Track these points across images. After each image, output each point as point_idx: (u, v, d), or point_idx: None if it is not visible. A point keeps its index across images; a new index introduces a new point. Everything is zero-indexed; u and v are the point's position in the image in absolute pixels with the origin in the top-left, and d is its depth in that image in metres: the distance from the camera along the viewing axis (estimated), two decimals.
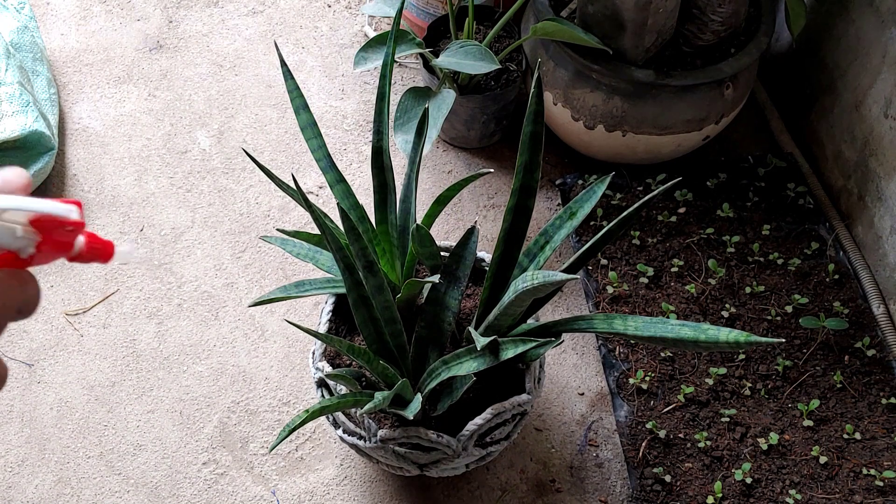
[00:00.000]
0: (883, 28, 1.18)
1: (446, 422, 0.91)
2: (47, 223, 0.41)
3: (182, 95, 1.52)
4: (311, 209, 0.75)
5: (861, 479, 1.03)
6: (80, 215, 0.42)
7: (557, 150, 1.43)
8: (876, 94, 1.21)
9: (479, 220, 1.36)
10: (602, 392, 1.17)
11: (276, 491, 1.09)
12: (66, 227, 0.42)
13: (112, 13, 1.65)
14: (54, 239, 0.42)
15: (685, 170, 1.33)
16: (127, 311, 1.25)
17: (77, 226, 0.42)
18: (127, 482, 1.09)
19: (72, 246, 0.43)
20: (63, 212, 0.41)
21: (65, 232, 0.42)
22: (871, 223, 1.24)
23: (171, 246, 1.32)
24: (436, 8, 1.46)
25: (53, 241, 0.42)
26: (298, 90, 0.95)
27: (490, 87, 1.35)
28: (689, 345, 0.75)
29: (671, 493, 1.03)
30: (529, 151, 0.86)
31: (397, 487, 1.09)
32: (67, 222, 0.41)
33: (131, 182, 1.40)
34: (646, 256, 1.24)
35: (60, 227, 0.42)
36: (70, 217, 0.41)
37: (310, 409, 0.81)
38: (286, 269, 1.30)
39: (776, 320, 1.17)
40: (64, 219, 0.41)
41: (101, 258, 0.45)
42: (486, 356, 0.83)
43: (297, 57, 1.59)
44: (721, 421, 1.08)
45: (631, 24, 1.16)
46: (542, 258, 0.90)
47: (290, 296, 0.92)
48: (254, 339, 1.23)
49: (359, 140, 1.46)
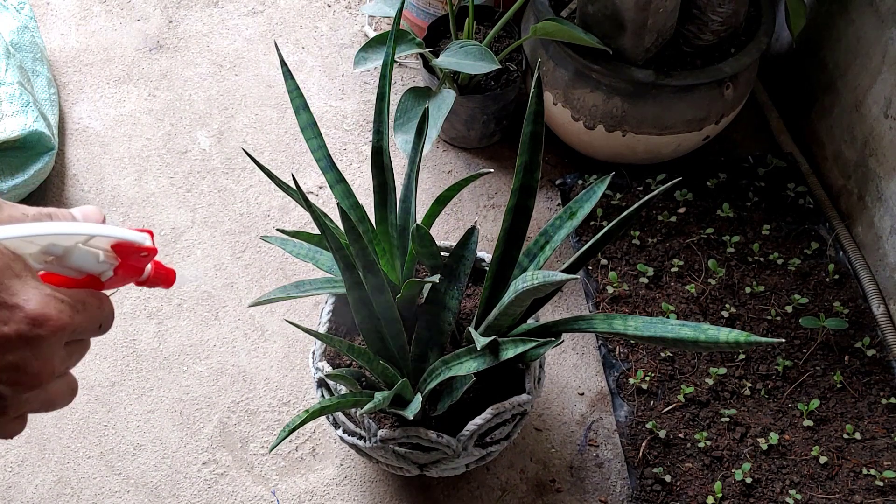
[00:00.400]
0: (883, 28, 1.18)
1: (446, 422, 0.91)
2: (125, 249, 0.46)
3: (182, 95, 1.52)
4: (311, 209, 0.75)
5: (861, 479, 1.03)
6: (152, 242, 0.46)
7: (557, 150, 1.43)
8: (876, 94, 1.21)
9: (479, 220, 1.36)
10: (602, 392, 1.17)
11: (276, 491, 1.09)
12: (141, 253, 0.46)
13: (112, 13, 1.65)
14: (129, 264, 0.46)
15: (685, 170, 1.33)
16: (127, 311, 1.25)
17: (151, 252, 0.46)
18: (127, 482, 1.09)
19: (142, 271, 0.48)
20: (139, 238, 0.46)
21: (139, 258, 0.47)
22: (871, 223, 1.24)
23: (171, 246, 1.32)
24: (436, 8, 1.46)
25: (128, 266, 0.46)
26: (298, 90, 0.95)
27: (490, 87, 1.35)
28: (689, 345, 0.75)
29: (671, 493, 1.03)
30: (529, 151, 0.86)
31: (397, 487, 1.09)
32: (143, 248, 0.46)
33: (131, 182, 1.40)
34: (646, 256, 1.25)
35: (136, 253, 0.46)
36: (145, 244, 0.46)
37: (310, 409, 0.81)
38: (286, 269, 1.30)
39: (776, 320, 1.17)
40: (140, 245, 0.46)
41: (165, 284, 0.50)
42: (486, 356, 0.83)
43: (297, 57, 1.59)
44: (721, 421, 1.08)
45: (631, 24, 1.16)
46: (542, 258, 0.90)
47: (290, 296, 0.91)
48: (254, 339, 1.23)
49: (359, 140, 1.46)
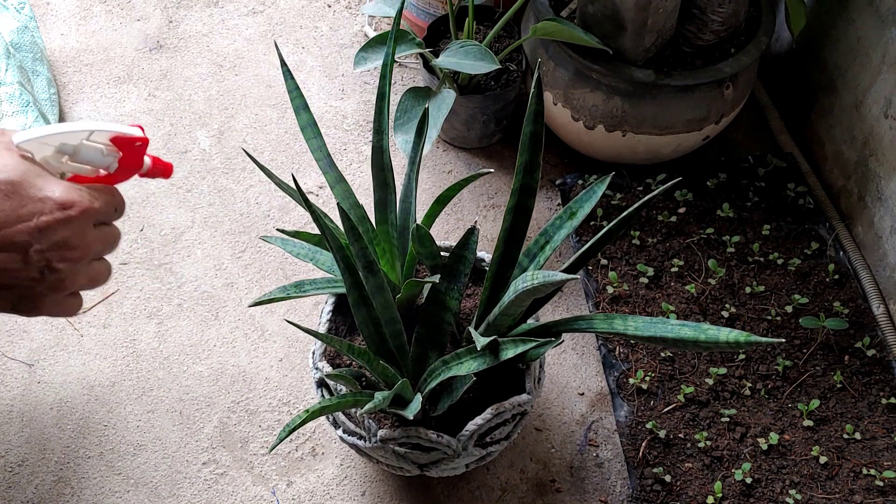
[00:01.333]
0: (883, 28, 1.18)
1: (446, 422, 0.91)
2: (122, 141, 0.55)
3: (182, 95, 1.52)
4: (311, 209, 0.75)
5: (861, 479, 1.03)
6: (143, 133, 0.56)
7: (557, 150, 1.43)
8: (876, 94, 1.21)
9: (479, 220, 1.36)
10: (602, 392, 1.17)
11: (276, 491, 1.09)
12: (136, 143, 0.55)
13: (112, 13, 1.65)
14: (129, 156, 0.56)
15: (685, 170, 1.33)
16: (127, 311, 1.25)
17: (144, 141, 0.56)
18: (127, 482, 1.09)
19: (142, 163, 0.58)
20: (131, 131, 0.55)
21: (136, 148, 0.56)
22: (871, 223, 1.24)
23: (171, 246, 1.32)
24: (436, 8, 1.46)
25: (129, 158, 0.56)
26: (298, 90, 0.95)
27: (490, 87, 1.35)
28: (689, 345, 0.75)
29: (671, 493, 1.03)
30: (529, 151, 0.86)
31: (397, 487, 1.09)
32: (136, 138, 0.55)
33: (131, 182, 1.39)
34: (646, 256, 1.25)
35: (132, 144, 0.55)
36: (136, 134, 0.55)
37: (310, 409, 0.81)
38: (286, 269, 1.30)
39: (776, 320, 1.17)
40: (132, 136, 0.55)
41: (164, 174, 0.61)
42: (486, 356, 0.83)
43: (297, 57, 1.59)
44: (721, 421, 1.08)
45: (631, 24, 1.16)
46: (542, 258, 0.90)
47: (290, 296, 0.92)
48: (254, 339, 1.23)
49: (359, 140, 1.46)
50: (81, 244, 0.53)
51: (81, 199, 0.52)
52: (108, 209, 0.56)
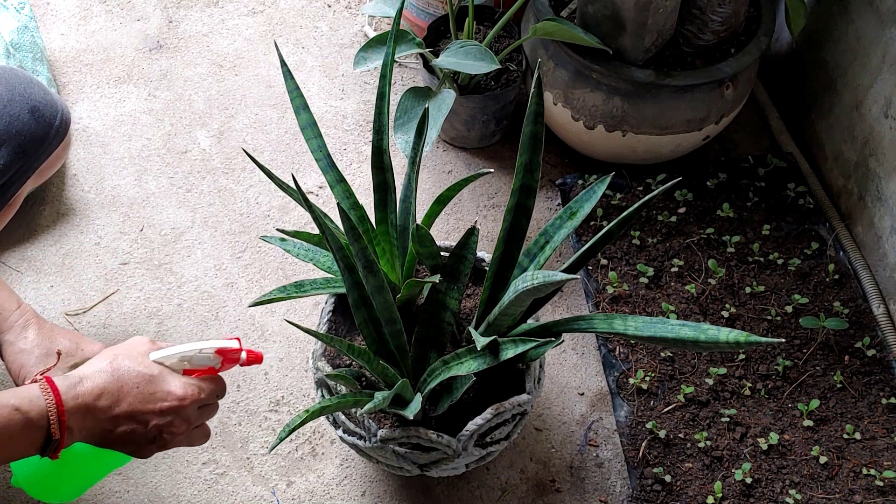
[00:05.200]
0: (883, 28, 1.18)
1: (446, 422, 0.91)
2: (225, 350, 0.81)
3: (182, 95, 1.52)
4: (311, 209, 0.75)
5: (861, 479, 1.03)
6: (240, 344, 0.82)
7: (557, 150, 1.43)
8: (876, 94, 1.21)
9: (479, 220, 1.36)
10: (602, 392, 1.17)
11: (276, 491, 1.09)
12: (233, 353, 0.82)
13: (112, 13, 1.65)
14: (230, 358, 0.82)
15: (685, 170, 1.33)
16: (127, 311, 1.25)
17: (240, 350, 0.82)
18: (127, 482, 1.09)
19: (239, 359, 0.82)
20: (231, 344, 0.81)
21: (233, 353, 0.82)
22: (871, 223, 1.24)
23: (171, 246, 1.32)
24: (436, 8, 1.46)
25: (229, 359, 0.82)
26: (298, 90, 0.95)
27: (490, 87, 1.35)
28: (689, 345, 0.75)
29: (671, 493, 1.03)
30: (529, 151, 0.86)
31: (397, 487, 1.09)
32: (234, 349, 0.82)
33: (131, 182, 1.40)
34: (646, 256, 1.25)
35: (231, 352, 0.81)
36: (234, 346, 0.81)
37: (310, 409, 0.81)
38: (286, 269, 1.30)
39: (776, 320, 1.17)
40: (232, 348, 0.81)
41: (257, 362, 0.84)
42: (486, 356, 0.83)
43: (297, 57, 1.59)
44: (721, 421, 1.08)
45: (631, 24, 1.16)
46: (542, 258, 0.90)
47: (290, 296, 0.92)
48: (254, 339, 1.23)
49: (359, 140, 1.46)
50: (185, 423, 0.79)
51: (193, 394, 0.78)
52: (211, 396, 0.81)
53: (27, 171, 1.00)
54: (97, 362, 0.77)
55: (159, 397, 0.76)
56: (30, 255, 1.31)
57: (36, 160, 1.01)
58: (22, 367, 0.86)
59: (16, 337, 0.87)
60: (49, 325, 0.91)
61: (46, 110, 1.00)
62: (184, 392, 0.78)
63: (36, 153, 1.00)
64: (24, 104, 0.98)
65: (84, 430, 0.74)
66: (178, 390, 0.77)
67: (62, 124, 1.02)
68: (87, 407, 0.73)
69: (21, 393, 0.71)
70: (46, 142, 1.00)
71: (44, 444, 0.72)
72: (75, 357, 0.88)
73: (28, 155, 0.99)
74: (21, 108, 0.98)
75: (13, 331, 0.88)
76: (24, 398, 0.70)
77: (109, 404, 0.74)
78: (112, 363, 0.76)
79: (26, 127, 0.97)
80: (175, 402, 0.77)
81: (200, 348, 0.80)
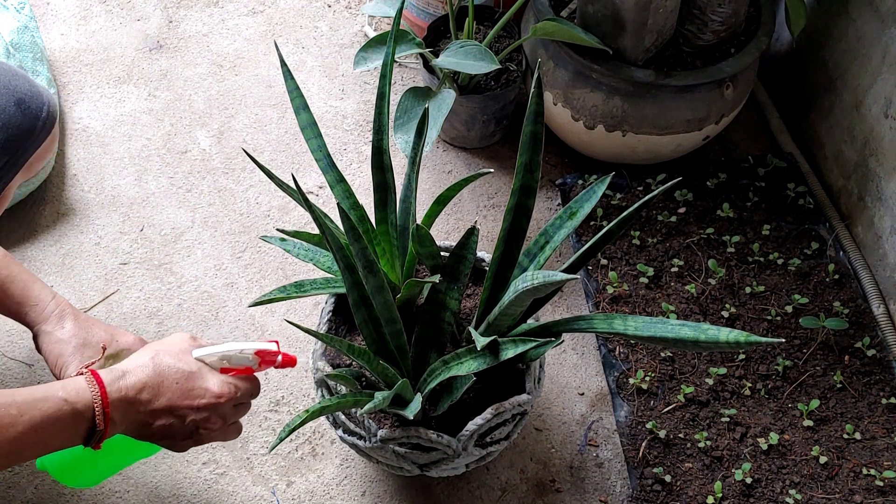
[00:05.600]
0: (883, 28, 1.18)
1: (446, 422, 0.91)
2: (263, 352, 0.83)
3: (182, 95, 1.52)
4: (311, 209, 0.75)
5: (861, 479, 1.03)
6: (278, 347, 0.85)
7: (557, 150, 1.43)
8: (876, 94, 1.21)
9: (479, 220, 1.36)
10: (602, 392, 1.17)
11: (276, 491, 1.09)
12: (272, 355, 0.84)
13: (112, 13, 1.65)
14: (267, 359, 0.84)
15: (685, 170, 1.33)
16: (127, 311, 1.25)
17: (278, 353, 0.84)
18: (127, 482, 1.09)
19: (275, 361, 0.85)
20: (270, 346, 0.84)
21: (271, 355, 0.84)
22: (871, 223, 1.24)
23: (171, 246, 1.32)
24: (436, 8, 1.46)
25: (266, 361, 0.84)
26: (298, 90, 0.95)
27: (490, 87, 1.35)
28: (689, 345, 0.75)
29: (671, 493, 1.03)
30: (529, 151, 0.86)
31: (397, 487, 1.09)
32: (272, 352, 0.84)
33: (131, 182, 1.40)
34: (646, 256, 1.25)
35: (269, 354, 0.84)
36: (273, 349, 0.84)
37: (310, 409, 0.81)
38: (286, 269, 1.30)
39: (776, 320, 1.17)
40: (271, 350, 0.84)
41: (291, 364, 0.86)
42: (486, 356, 0.83)
43: (297, 57, 1.59)
44: (721, 421, 1.08)
45: (631, 24, 1.16)
46: (542, 258, 0.90)
47: (290, 296, 0.92)
48: (254, 339, 1.23)
49: (359, 140, 1.46)
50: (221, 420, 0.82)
51: (230, 392, 0.81)
52: (246, 395, 0.84)
53: (15, 165, 1.00)
54: (140, 357, 0.79)
55: (197, 394, 0.79)
56: (30, 255, 1.31)
57: (24, 154, 1.01)
58: (59, 357, 0.87)
59: (53, 327, 0.89)
60: (84, 316, 0.92)
61: (33, 102, 1.00)
62: (221, 390, 0.80)
63: (24, 146, 1.00)
64: (10, 97, 0.98)
65: (125, 422, 0.77)
66: (216, 388, 0.80)
67: (49, 116, 1.02)
68: (129, 400, 0.75)
69: (68, 385, 0.73)
70: (34, 135, 1.00)
71: (87, 434, 0.74)
72: (111, 348, 0.89)
73: (16, 148, 0.99)
74: (7, 100, 0.98)
75: (50, 321, 0.89)
76: (71, 390, 0.72)
77: (150, 398, 0.77)
78: (154, 358, 0.79)
79: (13, 120, 0.98)
80: (212, 399, 0.79)
81: (241, 349, 0.82)
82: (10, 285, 0.90)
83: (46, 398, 0.71)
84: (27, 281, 0.91)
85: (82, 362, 0.86)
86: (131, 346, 0.91)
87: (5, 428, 0.68)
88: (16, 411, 0.69)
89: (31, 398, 0.71)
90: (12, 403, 0.70)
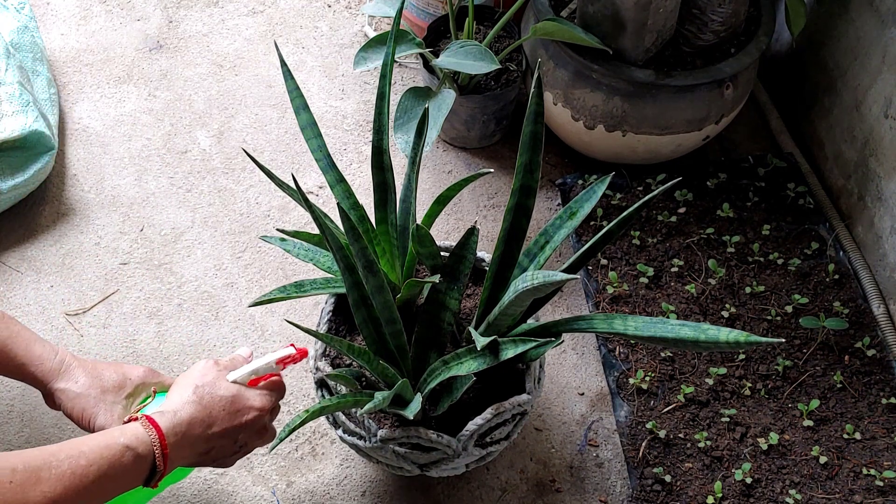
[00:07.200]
0: (883, 28, 1.18)
1: (446, 422, 0.91)
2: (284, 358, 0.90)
3: (182, 95, 1.52)
4: (311, 209, 0.75)
5: (861, 479, 1.03)
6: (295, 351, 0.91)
7: (557, 150, 1.43)
8: (876, 94, 1.21)
9: (479, 220, 1.36)
10: (602, 392, 1.17)
11: (276, 491, 1.09)
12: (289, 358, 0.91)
13: (112, 13, 1.65)
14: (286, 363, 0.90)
15: (685, 170, 1.33)
16: (127, 311, 1.25)
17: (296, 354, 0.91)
18: None
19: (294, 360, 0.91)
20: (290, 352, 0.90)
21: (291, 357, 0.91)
22: (871, 223, 1.24)
23: (171, 246, 1.32)
24: (436, 8, 1.46)
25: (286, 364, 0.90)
26: (298, 90, 0.95)
27: (490, 87, 1.35)
28: (689, 345, 0.75)
29: (671, 493, 1.03)
30: (529, 151, 0.86)
31: (397, 487, 1.09)
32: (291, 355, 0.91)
33: (131, 182, 1.40)
34: (646, 256, 1.25)
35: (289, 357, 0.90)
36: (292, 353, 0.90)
37: (310, 409, 0.81)
38: (286, 269, 1.30)
39: (776, 320, 1.17)
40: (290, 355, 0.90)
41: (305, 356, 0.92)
42: (486, 356, 0.83)
43: (297, 57, 1.59)
44: (721, 421, 1.08)
45: (631, 24, 1.16)
46: (542, 258, 0.90)
47: (290, 296, 0.92)
48: (254, 339, 1.23)
49: (359, 140, 1.46)
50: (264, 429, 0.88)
51: (269, 403, 0.87)
52: (278, 400, 0.90)
53: None
54: (182, 394, 0.84)
55: (244, 413, 0.85)
56: (30, 255, 1.31)
57: None
58: (84, 411, 0.88)
59: (66, 384, 0.89)
60: (88, 361, 0.92)
61: None
62: (261, 403, 0.87)
63: None
64: None
65: (182, 457, 0.82)
66: (257, 402, 0.86)
67: None
68: (184, 436, 0.80)
69: (127, 431, 0.77)
70: None
71: (148, 475, 0.78)
72: (127, 387, 0.91)
73: None
74: None
75: (61, 378, 0.90)
76: (131, 436, 0.76)
77: (203, 430, 0.82)
78: (196, 392, 0.83)
79: None
80: (256, 413, 0.86)
81: (266, 362, 0.88)
82: (12, 346, 0.90)
83: (109, 446, 0.75)
84: (29, 339, 0.91)
85: (108, 409, 0.88)
86: (144, 378, 0.92)
87: (79, 479, 0.71)
88: (85, 461, 0.72)
89: (96, 447, 0.74)
90: (80, 454, 0.72)
